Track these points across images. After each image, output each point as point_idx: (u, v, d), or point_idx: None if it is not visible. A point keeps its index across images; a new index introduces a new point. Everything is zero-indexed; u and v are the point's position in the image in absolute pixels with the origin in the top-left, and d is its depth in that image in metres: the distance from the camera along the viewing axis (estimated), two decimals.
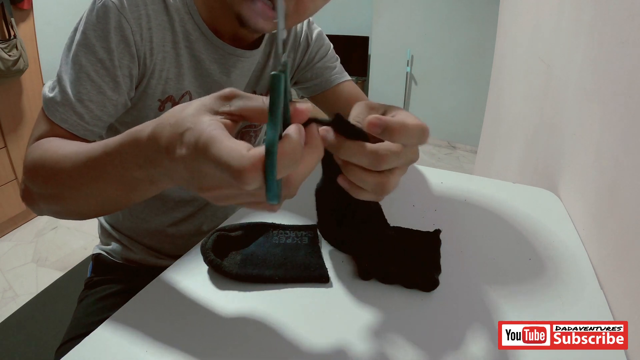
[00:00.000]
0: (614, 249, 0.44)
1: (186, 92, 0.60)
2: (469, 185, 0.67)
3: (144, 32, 0.53)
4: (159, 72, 0.56)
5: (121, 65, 0.52)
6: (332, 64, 0.76)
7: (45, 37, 2.26)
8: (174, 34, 0.56)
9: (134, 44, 0.52)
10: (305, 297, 0.41)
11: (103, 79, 0.51)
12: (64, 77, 0.51)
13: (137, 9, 0.51)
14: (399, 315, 0.38)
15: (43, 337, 1.44)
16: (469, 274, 0.45)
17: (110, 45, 0.50)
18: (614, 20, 0.54)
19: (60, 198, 0.45)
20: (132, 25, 0.51)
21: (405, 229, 0.51)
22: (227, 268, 0.41)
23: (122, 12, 0.50)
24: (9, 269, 1.81)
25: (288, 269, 0.43)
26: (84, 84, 0.50)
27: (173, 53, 0.57)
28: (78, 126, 0.50)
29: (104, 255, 0.74)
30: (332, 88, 0.76)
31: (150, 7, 0.53)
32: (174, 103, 0.59)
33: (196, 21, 0.57)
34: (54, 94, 0.51)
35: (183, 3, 0.56)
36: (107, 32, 0.50)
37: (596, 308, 0.41)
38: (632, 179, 0.42)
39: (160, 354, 0.33)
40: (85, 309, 0.67)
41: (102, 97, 0.51)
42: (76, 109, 0.50)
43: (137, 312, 0.38)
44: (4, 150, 1.94)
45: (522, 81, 1.19)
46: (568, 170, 0.65)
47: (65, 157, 0.42)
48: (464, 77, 3.48)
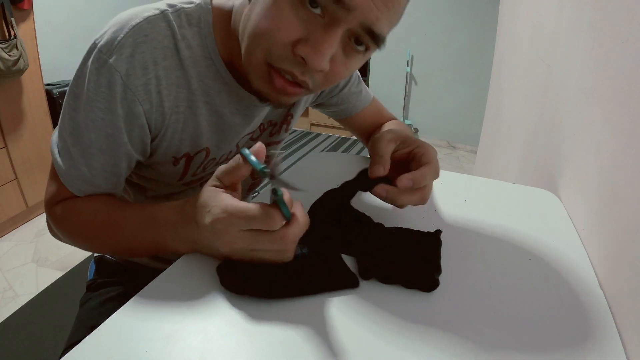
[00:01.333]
0: (614, 249, 0.44)
1: (203, 149, 0.56)
2: (469, 186, 0.67)
3: (154, 98, 0.47)
4: (171, 134, 0.52)
5: (131, 137, 0.49)
6: (357, 89, 0.74)
7: (45, 37, 2.27)
8: (189, 92, 0.50)
9: (143, 115, 0.48)
10: (304, 297, 0.41)
11: (115, 153, 0.49)
12: (73, 150, 0.48)
13: (144, 74, 0.45)
14: (399, 315, 0.38)
15: (43, 337, 1.44)
16: (469, 274, 0.45)
17: (118, 122, 0.47)
18: (614, 20, 0.54)
19: (87, 244, 0.54)
20: (139, 96, 0.46)
21: (405, 229, 0.51)
22: (253, 289, 0.39)
23: (127, 84, 0.45)
24: (9, 269, 1.81)
25: (315, 279, 0.41)
26: (96, 157, 0.49)
27: (189, 112, 0.51)
28: (95, 192, 0.52)
29: (107, 257, 0.74)
30: (358, 113, 0.77)
31: (162, 65, 0.46)
32: (188, 158, 0.56)
33: (218, 69, 0.51)
34: (66, 166, 0.49)
35: (203, 46, 0.49)
36: (114, 105, 0.46)
37: (596, 308, 0.41)
38: (632, 179, 0.42)
39: (161, 354, 0.33)
40: (90, 311, 0.67)
41: (116, 167, 0.51)
42: (91, 181, 0.50)
43: (138, 312, 0.38)
44: (4, 150, 1.94)
45: (522, 81, 1.20)
46: (568, 170, 0.65)
47: (96, 220, 0.51)
48: (464, 77, 3.48)
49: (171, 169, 0.56)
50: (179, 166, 0.56)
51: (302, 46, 0.39)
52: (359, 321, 0.38)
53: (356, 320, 0.38)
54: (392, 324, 0.37)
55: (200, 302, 0.39)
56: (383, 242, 0.47)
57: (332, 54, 0.41)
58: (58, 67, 2.43)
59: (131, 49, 0.44)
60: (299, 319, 0.37)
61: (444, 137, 3.77)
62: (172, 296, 0.40)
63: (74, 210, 0.52)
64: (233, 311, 0.38)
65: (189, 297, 0.40)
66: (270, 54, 0.42)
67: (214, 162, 0.60)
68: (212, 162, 0.60)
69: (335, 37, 0.40)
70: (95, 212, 0.51)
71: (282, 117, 0.67)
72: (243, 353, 0.34)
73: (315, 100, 0.74)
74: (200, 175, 0.61)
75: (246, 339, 0.35)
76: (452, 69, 3.50)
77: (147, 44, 0.45)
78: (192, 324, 0.36)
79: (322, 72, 0.43)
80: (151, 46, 0.45)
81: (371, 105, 0.78)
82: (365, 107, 0.77)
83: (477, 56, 3.35)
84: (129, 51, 0.44)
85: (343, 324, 0.37)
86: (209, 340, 0.35)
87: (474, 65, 3.38)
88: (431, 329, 0.37)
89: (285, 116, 0.67)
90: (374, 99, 0.80)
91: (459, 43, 3.40)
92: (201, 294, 0.40)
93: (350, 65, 0.45)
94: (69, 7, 2.54)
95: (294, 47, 0.40)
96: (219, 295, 0.40)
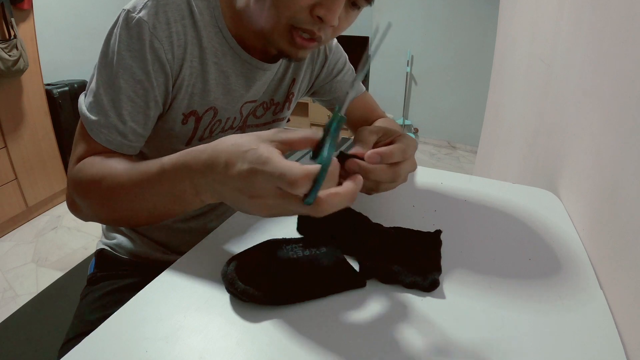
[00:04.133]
0: (614, 249, 0.44)
1: (211, 107, 0.62)
2: (469, 186, 0.67)
3: (175, 50, 0.54)
4: (185, 87, 0.58)
5: (158, 84, 0.54)
6: (349, 78, 0.80)
7: (45, 37, 2.27)
8: (201, 50, 0.57)
9: (167, 63, 0.54)
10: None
11: (143, 99, 0.54)
12: (104, 99, 0.52)
13: (167, 27, 0.53)
14: (399, 315, 0.38)
15: (43, 337, 1.44)
16: (469, 274, 0.45)
17: (147, 66, 0.52)
18: (614, 20, 0.54)
19: (112, 210, 0.52)
20: (164, 45, 0.53)
21: (405, 229, 0.51)
22: (261, 295, 0.38)
23: (154, 33, 0.52)
24: (9, 269, 1.81)
25: (322, 281, 0.41)
26: (125, 105, 0.53)
27: (200, 68, 0.58)
28: (122, 145, 0.54)
29: (108, 251, 0.75)
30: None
31: (180, 23, 0.54)
32: (197, 118, 0.61)
33: (224, 35, 0.59)
34: (96, 116, 0.52)
35: (211, 16, 0.57)
36: (143, 52, 0.52)
37: (596, 308, 0.41)
38: (632, 179, 0.42)
39: (161, 354, 0.33)
40: (89, 305, 0.67)
41: (143, 116, 0.55)
42: (120, 129, 0.53)
43: (138, 312, 0.38)
44: (4, 150, 1.94)
45: (522, 81, 1.20)
46: (568, 170, 0.65)
47: (121, 176, 0.49)
48: (464, 77, 3.48)
49: (180, 129, 0.61)
50: (187, 126, 0.61)
51: (319, 8, 0.50)
52: (359, 321, 0.38)
53: (356, 320, 0.38)
54: (392, 324, 0.37)
55: (200, 302, 0.39)
56: (383, 242, 0.47)
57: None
58: (58, 67, 2.43)
59: (155, 8, 0.52)
60: (299, 318, 0.38)
61: (444, 137, 3.77)
62: (172, 296, 0.40)
63: (96, 164, 0.52)
64: (233, 311, 0.38)
65: (189, 297, 0.40)
66: (293, 17, 0.51)
67: (219, 124, 0.65)
68: (218, 125, 0.65)
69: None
70: (117, 163, 0.51)
71: (284, 97, 0.73)
72: (243, 353, 0.34)
73: (312, 87, 0.79)
74: (207, 140, 0.62)
75: (246, 339, 0.35)
76: (452, 69, 3.50)
77: (169, 6, 0.53)
78: (192, 324, 0.36)
79: (333, 27, 0.53)
80: (171, 7, 0.53)
81: (362, 96, 0.82)
82: (356, 97, 0.81)
83: (477, 56, 3.35)
84: (154, 10, 0.52)
85: (343, 323, 0.37)
86: (209, 340, 0.35)
87: (474, 65, 3.38)
88: (431, 329, 0.37)
89: (287, 95, 0.74)
90: (367, 93, 0.83)
91: (459, 43, 3.40)
92: (201, 294, 0.40)
93: (350, 19, 0.56)
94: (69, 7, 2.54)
95: (312, 10, 0.50)
96: (219, 295, 0.40)
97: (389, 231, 0.50)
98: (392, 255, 0.45)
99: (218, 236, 0.51)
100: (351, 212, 0.54)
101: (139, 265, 0.73)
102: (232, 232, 0.52)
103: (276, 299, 0.39)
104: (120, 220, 0.56)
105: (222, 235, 0.51)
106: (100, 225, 0.78)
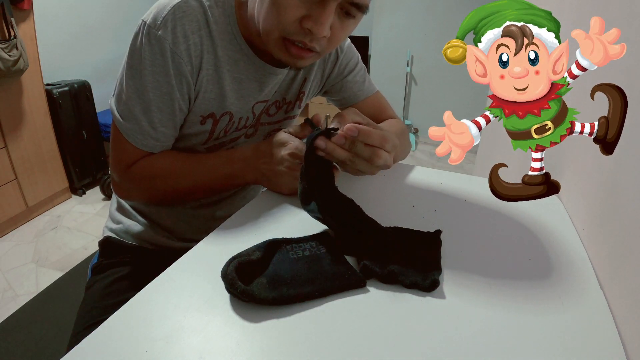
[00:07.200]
0: (614, 249, 0.44)
1: (227, 112, 0.67)
2: (469, 186, 0.67)
3: (193, 61, 0.59)
4: (202, 93, 0.63)
5: (181, 93, 0.60)
6: (360, 78, 0.80)
7: (45, 37, 2.26)
8: (216, 58, 0.61)
9: (187, 73, 0.59)
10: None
11: (170, 108, 0.60)
12: (135, 109, 0.59)
13: (185, 41, 0.57)
14: (399, 315, 0.38)
15: (43, 337, 1.44)
16: (469, 274, 0.45)
17: (171, 80, 0.58)
18: (614, 20, 0.54)
19: (169, 187, 0.65)
20: (184, 58, 0.57)
21: (405, 229, 0.51)
22: (261, 295, 0.38)
23: (174, 49, 0.56)
24: (9, 269, 1.81)
25: (322, 281, 0.41)
26: (155, 114, 0.60)
27: (215, 75, 0.62)
28: (156, 146, 0.63)
29: (114, 238, 0.76)
30: (358, 102, 0.81)
31: (197, 34, 0.58)
32: (214, 120, 0.66)
33: (239, 42, 0.62)
34: (130, 124, 0.60)
35: (227, 23, 0.61)
36: (166, 68, 0.57)
37: (596, 308, 0.41)
38: (632, 179, 0.42)
39: (161, 354, 0.33)
40: (98, 292, 0.68)
41: (171, 121, 0.62)
42: (152, 135, 0.62)
43: (138, 312, 0.38)
44: (4, 150, 1.94)
45: None
46: (568, 170, 0.65)
47: (176, 165, 0.64)
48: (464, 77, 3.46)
49: (199, 128, 0.67)
50: (205, 126, 0.67)
51: (307, 21, 0.51)
52: (359, 321, 0.38)
53: (356, 320, 0.38)
54: (392, 323, 0.37)
55: (200, 302, 0.39)
56: (383, 242, 0.47)
57: (331, 23, 0.53)
58: (58, 67, 2.43)
59: (173, 23, 0.55)
60: (299, 319, 0.38)
61: None
62: (172, 296, 0.40)
63: (153, 164, 0.63)
64: (233, 311, 0.38)
65: (189, 296, 0.40)
66: (284, 30, 0.53)
67: (233, 125, 0.70)
68: (232, 126, 0.70)
69: (330, 10, 0.51)
70: (173, 159, 0.64)
71: (295, 96, 0.76)
72: (243, 353, 0.34)
73: (323, 86, 0.80)
74: (222, 140, 0.71)
75: (246, 339, 0.35)
76: (452, 69, 3.49)
77: (185, 19, 0.56)
78: (192, 324, 0.36)
79: (325, 37, 0.54)
80: (188, 20, 0.56)
81: (374, 96, 0.82)
82: (367, 97, 0.81)
83: None
84: (172, 24, 0.55)
85: (342, 323, 0.37)
86: (209, 340, 0.35)
87: None
88: (431, 329, 0.37)
89: (298, 94, 0.77)
90: (379, 93, 0.84)
91: None
92: (201, 294, 0.40)
93: (347, 28, 0.57)
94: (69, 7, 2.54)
95: (301, 22, 0.52)
96: (219, 295, 0.40)
97: (389, 231, 0.50)
98: (392, 255, 0.45)
99: (218, 236, 0.51)
100: (348, 204, 0.51)
101: (145, 251, 0.74)
102: (232, 232, 0.52)
103: (276, 300, 0.39)
104: (162, 201, 0.72)
105: (223, 235, 0.51)
106: (100, 224, 0.78)
